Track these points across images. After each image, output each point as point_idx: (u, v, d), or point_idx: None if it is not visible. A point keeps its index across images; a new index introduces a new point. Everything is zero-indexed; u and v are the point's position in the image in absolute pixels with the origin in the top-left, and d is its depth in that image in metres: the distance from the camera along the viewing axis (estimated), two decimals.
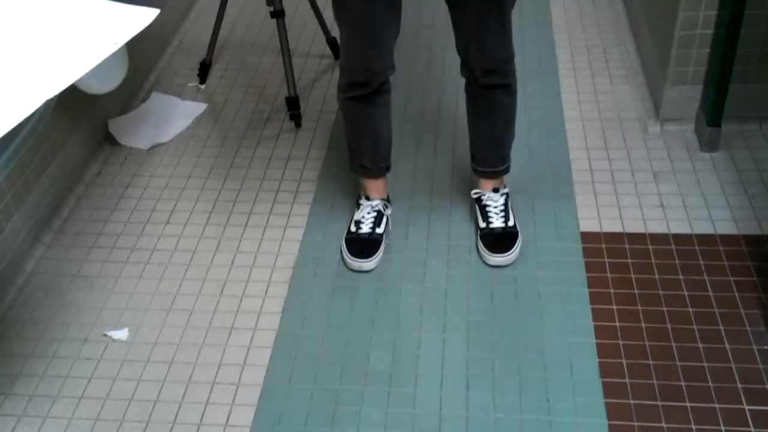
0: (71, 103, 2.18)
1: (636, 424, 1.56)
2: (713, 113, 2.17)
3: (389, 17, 1.74)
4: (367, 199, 2.01)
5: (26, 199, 1.98)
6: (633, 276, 1.87)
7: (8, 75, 1.09)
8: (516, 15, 1.74)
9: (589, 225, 2.02)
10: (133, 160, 2.35)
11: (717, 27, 2.12)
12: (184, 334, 1.80)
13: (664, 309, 1.78)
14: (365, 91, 1.83)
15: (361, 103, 1.87)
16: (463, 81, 1.89)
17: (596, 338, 1.73)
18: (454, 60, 1.83)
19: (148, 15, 1.27)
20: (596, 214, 2.05)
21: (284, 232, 2.07)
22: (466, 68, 1.83)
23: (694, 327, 1.74)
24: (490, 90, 1.84)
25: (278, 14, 2.44)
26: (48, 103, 1.25)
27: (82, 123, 2.28)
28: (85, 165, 2.28)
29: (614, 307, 1.80)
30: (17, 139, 1.95)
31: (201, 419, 1.62)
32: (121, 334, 1.80)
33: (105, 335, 1.80)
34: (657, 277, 1.86)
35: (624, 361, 1.67)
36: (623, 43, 2.75)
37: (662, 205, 2.07)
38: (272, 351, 1.75)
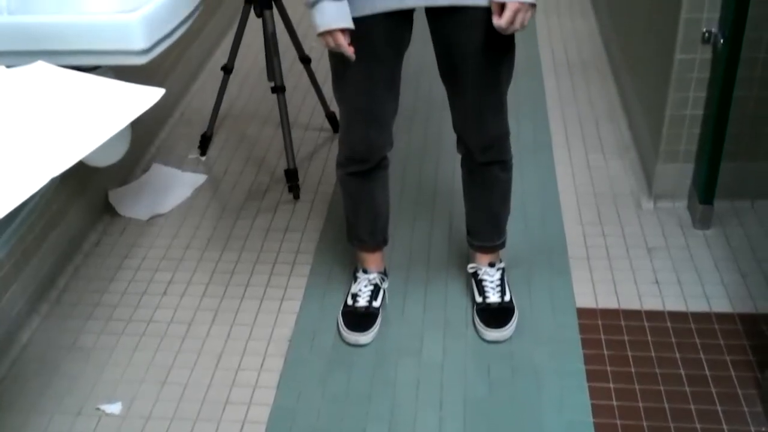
0: (73, 174, 2.20)
1: None
2: (705, 191, 2.21)
3: (388, 95, 1.78)
4: (365, 272, 2.02)
5: (25, 269, 1.99)
6: (630, 353, 1.87)
7: (15, 152, 1.11)
8: (510, 88, 1.78)
9: (585, 301, 2.03)
10: (132, 231, 2.36)
11: (707, 108, 2.18)
12: (179, 408, 1.79)
13: (662, 388, 1.78)
14: (364, 167, 1.87)
15: (359, 179, 1.90)
16: (460, 155, 1.93)
17: (594, 417, 1.72)
18: (452, 133, 1.87)
19: (153, 94, 1.31)
20: (592, 290, 2.07)
21: (281, 304, 2.08)
22: (463, 145, 1.87)
23: (692, 407, 1.73)
24: (487, 166, 1.88)
25: (279, 90, 2.50)
26: (53, 179, 1.27)
27: (83, 193, 2.30)
28: (85, 235, 2.30)
29: (611, 385, 1.79)
30: (20, 215, 1.97)
31: None
32: (114, 408, 1.79)
33: (98, 409, 1.79)
34: (653, 354, 1.87)
35: None
36: (615, 119, 2.82)
37: (657, 282, 2.08)
38: (267, 426, 1.73)
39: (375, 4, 1.61)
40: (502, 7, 1.57)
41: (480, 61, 1.69)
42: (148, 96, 1.30)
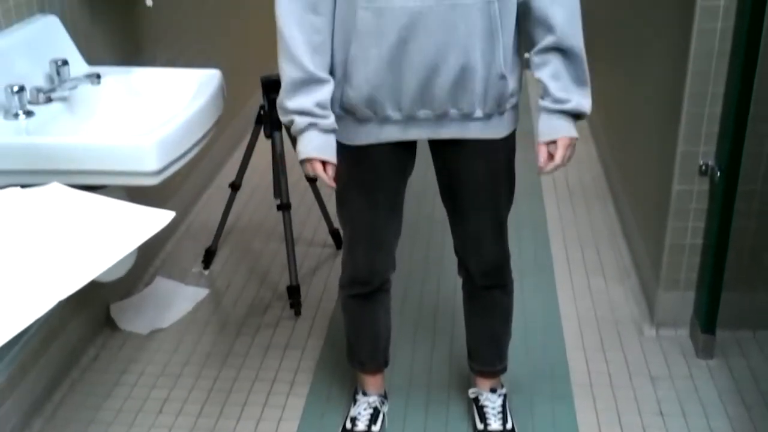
0: None
1: None
2: (707, 321, 2.21)
3: (391, 219, 1.80)
4: (364, 394, 2.00)
5: (21, 383, 1.97)
6: None
7: (24, 274, 1.13)
8: (511, 211, 1.81)
9: (588, 431, 1.99)
10: (131, 345, 2.35)
11: (706, 238, 2.21)
12: None
13: None
14: (366, 290, 1.88)
15: (361, 301, 1.91)
16: (460, 278, 1.94)
17: None
18: (452, 254, 1.88)
19: (163, 217, 1.33)
20: (595, 420, 2.03)
21: (278, 425, 2.04)
22: (463, 269, 1.89)
23: None
24: (487, 290, 1.89)
25: (285, 207, 2.54)
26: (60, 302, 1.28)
27: (85, 306, 2.30)
28: (84, 349, 2.28)
29: None
30: (23, 339, 1.96)
31: None
32: None
33: None
34: None
35: None
36: (616, 244, 2.84)
37: (661, 413, 2.05)
38: None
39: (379, 135, 1.65)
40: (547, 145, 1.62)
41: (481, 189, 1.72)
42: (158, 219, 1.33)
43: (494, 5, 1.51)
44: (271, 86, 2.52)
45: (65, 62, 1.82)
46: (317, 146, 1.60)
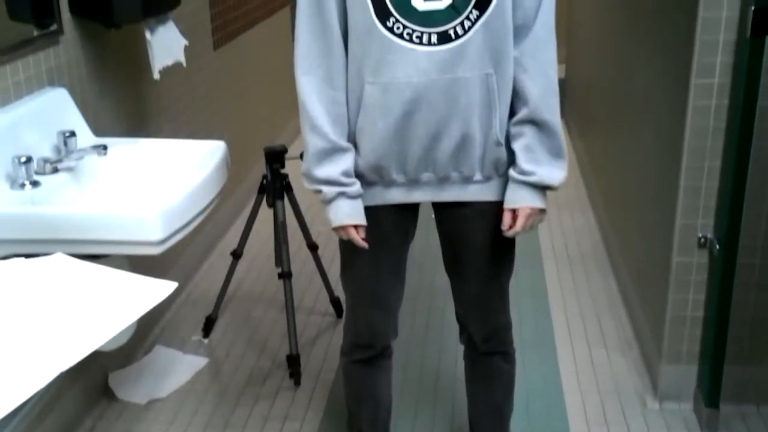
0: None
1: None
2: (710, 395, 2.19)
3: (394, 282, 1.81)
4: None
5: None
6: None
7: (26, 346, 1.13)
8: (511, 280, 1.81)
9: None
10: (128, 416, 2.32)
11: (707, 310, 2.21)
12: None
13: None
14: (368, 354, 1.87)
15: (363, 367, 1.90)
16: (462, 346, 1.93)
17: None
18: (454, 323, 1.88)
19: (165, 288, 1.34)
20: None
21: None
22: (465, 335, 1.88)
23: None
24: (489, 357, 1.88)
25: (286, 276, 2.55)
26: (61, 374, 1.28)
27: (82, 376, 2.29)
28: (80, 420, 2.26)
29: None
30: (22, 410, 1.95)
31: None
32: None
33: None
34: None
35: None
36: (617, 314, 2.84)
37: None
38: None
39: (384, 197, 1.69)
40: (513, 212, 1.64)
41: (482, 252, 1.74)
42: (160, 289, 1.33)
43: (492, 78, 1.57)
44: (274, 157, 2.56)
45: (73, 133, 1.85)
46: (348, 213, 1.65)
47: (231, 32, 3.58)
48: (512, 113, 1.64)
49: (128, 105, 2.52)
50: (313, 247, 2.75)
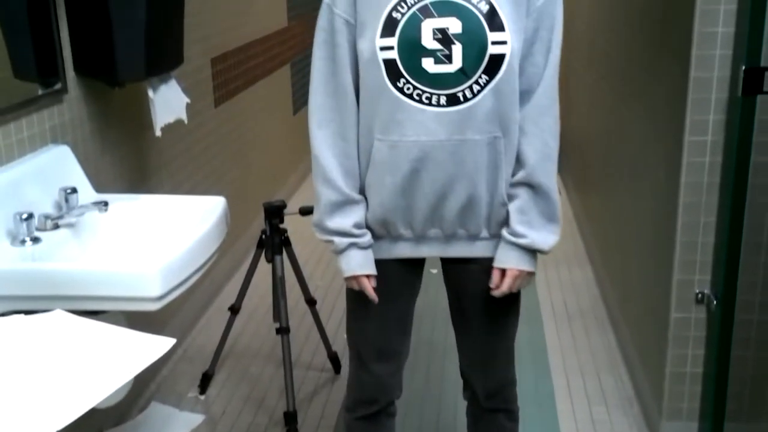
0: None
1: None
2: None
3: (400, 336, 1.81)
4: None
5: None
6: None
7: (23, 404, 1.13)
8: None
9: None
10: None
11: (706, 366, 2.20)
12: None
13: None
14: (372, 410, 1.85)
15: (367, 424, 1.87)
16: (463, 403, 1.92)
17: None
18: (453, 380, 1.86)
19: (163, 344, 1.34)
20: None
21: None
22: (469, 391, 1.87)
23: None
24: (492, 414, 1.86)
25: (284, 331, 2.54)
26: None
27: None
28: None
29: None
30: None
31: None
32: None
33: None
34: None
35: None
36: (617, 371, 2.82)
37: None
38: None
39: (391, 251, 1.71)
40: (502, 272, 1.65)
41: (489, 307, 1.74)
42: (158, 346, 1.33)
43: (500, 141, 1.58)
44: (273, 212, 2.58)
45: (74, 190, 1.87)
46: (360, 263, 1.66)
47: (232, 90, 3.63)
48: (512, 174, 1.66)
49: (130, 161, 2.55)
50: (311, 302, 2.75)
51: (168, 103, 2.44)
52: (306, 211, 2.72)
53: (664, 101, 2.36)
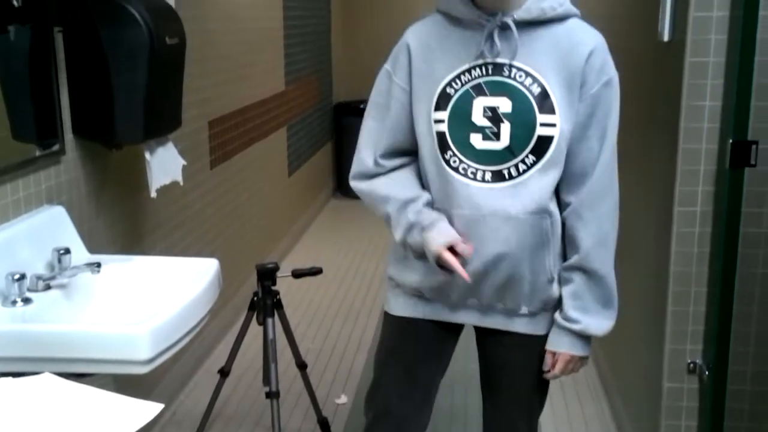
0: None
1: None
2: None
3: (423, 405, 1.77)
4: None
5: None
6: None
7: None
8: None
9: None
10: None
11: None
12: None
13: None
14: None
15: None
16: None
17: None
18: None
19: (151, 410, 1.33)
20: None
21: None
22: None
23: None
24: None
25: (273, 395, 2.51)
26: None
27: None
28: None
29: None
30: None
31: None
32: None
33: None
34: None
35: None
36: None
37: None
38: None
39: (428, 312, 1.69)
40: (554, 354, 1.63)
41: (518, 382, 1.71)
42: (146, 411, 1.33)
43: (546, 221, 1.57)
44: (266, 274, 2.58)
45: (67, 251, 1.87)
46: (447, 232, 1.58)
47: (228, 152, 3.67)
48: (563, 256, 1.63)
49: (124, 222, 2.56)
50: (302, 366, 2.72)
51: (164, 165, 2.46)
52: (298, 274, 2.72)
53: (655, 171, 2.40)
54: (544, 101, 1.52)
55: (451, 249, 1.55)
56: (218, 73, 3.49)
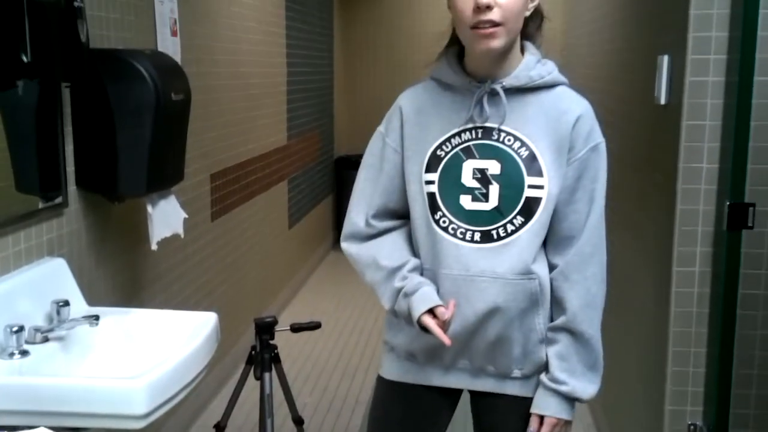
0: None
1: None
2: None
3: None
4: None
5: None
6: None
7: None
8: None
9: None
10: None
11: None
12: None
13: None
14: None
15: None
16: None
17: None
18: None
19: None
20: None
21: None
22: None
23: None
24: None
25: None
26: None
27: None
28: None
29: None
30: None
31: None
32: None
33: None
34: None
35: None
36: None
37: None
38: None
39: (419, 377, 1.68)
40: (540, 418, 1.61)
41: None
42: None
43: (534, 282, 1.57)
44: (264, 328, 2.58)
45: (66, 303, 1.87)
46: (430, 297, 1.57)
47: (229, 204, 3.70)
48: (550, 316, 1.63)
49: (124, 274, 2.56)
50: (298, 422, 2.69)
51: (166, 218, 2.48)
52: (297, 328, 2.71)
53: (653, 232, 2.41)
54: (532, 164, 1.55)
55: (434, 313, 1.55)
56: (222, 127, 3.53)
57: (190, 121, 2.49)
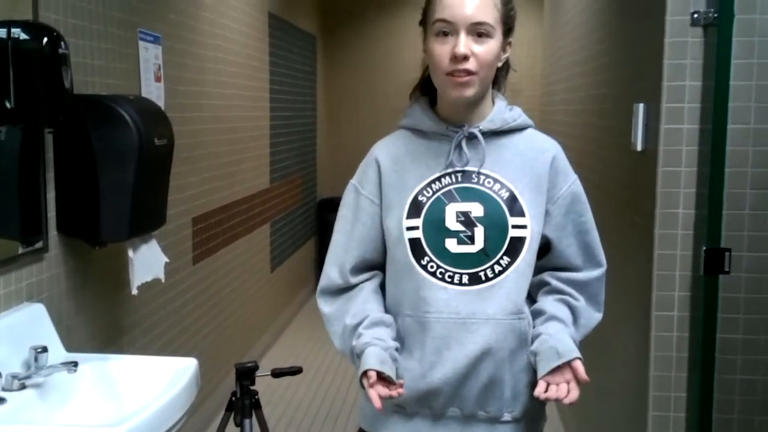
0: None
1: None
2: None
3: None
4: None
5: None
6: None
7: None
8: None
9: None
10: None
11: None
12: None
13: None
14: None
15: None
16: None
17: None
18: None
19: None
20: None
21: None
22: None
23: None
24: None
25: None
26: None
27: None
28: None
29: None
30: None
31: None
32: None
33: None
34: None
35: None
36: None
37: None
38: None
39: (406, 427, 1.63)
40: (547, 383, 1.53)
41: None
42: None
43: (524, 321, 1.59)
44: (245, 374, 2.56)
45: (45, 349, 1.85)
46: (380, 359, 1.53)
47: (211, 248, 3.69)
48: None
49: (104, 319, 2.54)
50: None
51: (147, 262, 2.48)
52: (278, 374, 2.70)
53: (633, 276, 2.43)
54: (514, 204, 1.58)
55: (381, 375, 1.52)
56: (205, 170, 3.55)
57: (174, 165, 2.50)
